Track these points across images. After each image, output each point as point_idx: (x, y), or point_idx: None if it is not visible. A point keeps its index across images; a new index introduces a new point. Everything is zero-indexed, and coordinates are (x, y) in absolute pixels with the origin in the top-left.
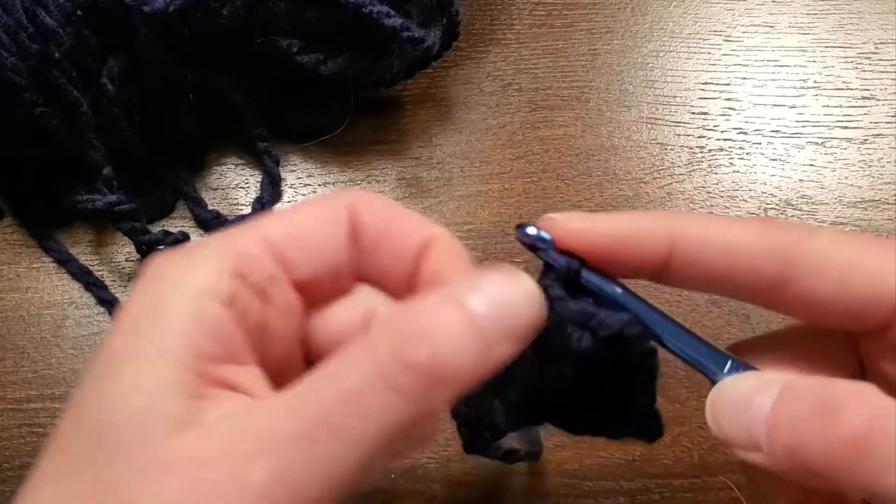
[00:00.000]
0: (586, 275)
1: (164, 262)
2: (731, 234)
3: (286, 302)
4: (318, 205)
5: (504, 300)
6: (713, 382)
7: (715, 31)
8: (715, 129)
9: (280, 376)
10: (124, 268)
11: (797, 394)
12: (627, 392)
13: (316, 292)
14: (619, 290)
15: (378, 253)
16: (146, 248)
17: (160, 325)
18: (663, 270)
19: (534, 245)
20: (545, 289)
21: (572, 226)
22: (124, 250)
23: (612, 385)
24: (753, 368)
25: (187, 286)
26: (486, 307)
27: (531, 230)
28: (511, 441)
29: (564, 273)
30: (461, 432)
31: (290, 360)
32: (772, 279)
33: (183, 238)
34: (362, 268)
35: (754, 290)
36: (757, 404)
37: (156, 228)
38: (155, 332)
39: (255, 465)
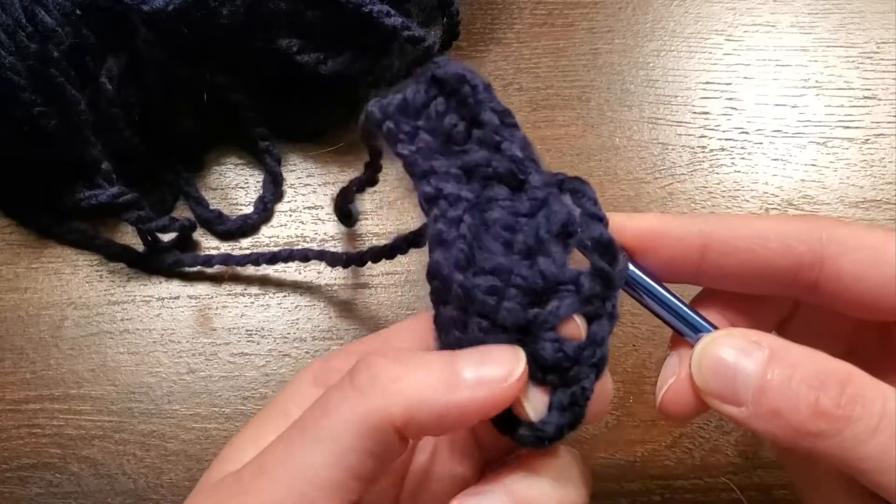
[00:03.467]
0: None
1: (300, 370)
2: (762, 222)
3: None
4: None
5: (493, 362)
6: (684, 338)
7: (716, 30)
8: (716, 128)
9: None
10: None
11: (789, 361)
12: None
13: None
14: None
15: None
16: (152, 236)
17: (280, 404)
18: (700, 265)
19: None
20: None
21: (613, 222)
22: (130, 241)
23: None
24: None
25: (301, 380)
26: (473, 360)
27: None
28: None
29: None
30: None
31: None
32: (808, 260)
33: (190, 225)
34: None
35: (788, 275)
36: (744, 365)
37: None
38: (275, 409)
39: (247, 467)
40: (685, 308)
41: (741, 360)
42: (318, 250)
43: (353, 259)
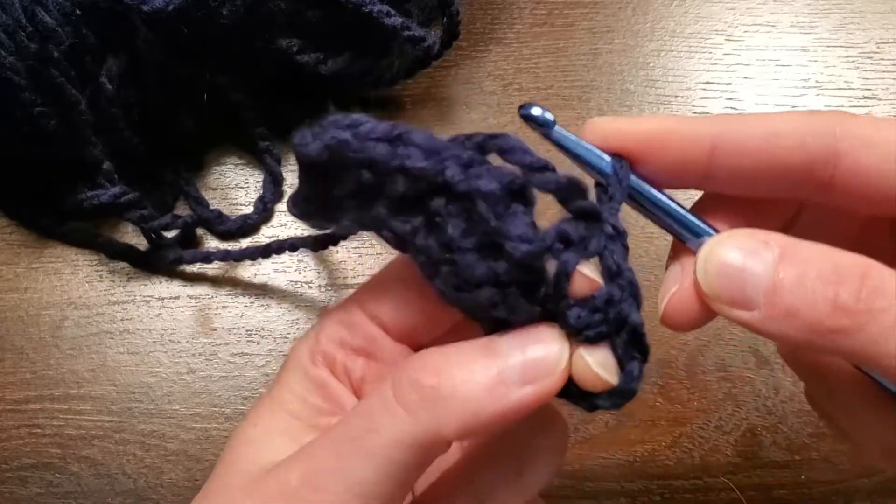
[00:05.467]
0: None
1: (294, 343)
2: (774, 119)
3: (391, 354)
4: (401, 262)
5: (530, 348)
6: (685, 244)
7: (716, 30)
8: None
9: None
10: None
11: (801, 258)
12: None
13: (422, 337)
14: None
15: None
16: (155, 234)
17: (280, 385)
18: (708, 168)
19: (538, 123)
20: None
21: (616, 126)
22: (131, 241)
23: None
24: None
25: (300, 356)
26: (512, 350)
27: (536, 110)
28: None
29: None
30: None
31: None
32: (822, 156)
33: (192, 222)
34: None
35: (803, 173)
36: (753, 265)
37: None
38: (275, 391)
39: (292, 470)
40: (685, 213)
41: (749, 261)
42: (303, 237)
43: (339, 236)
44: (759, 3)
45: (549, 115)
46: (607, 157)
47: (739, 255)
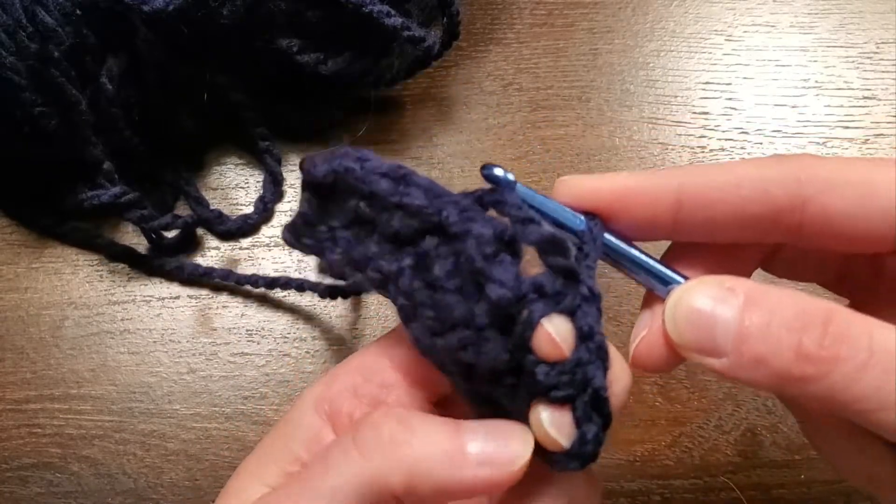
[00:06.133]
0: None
1: (304, 391)
2: (738, 169)
3: (404, 402)
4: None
5: (498, 438)
6: (656, 292)
7: (716, 30)
8: (716, 128)
9: None
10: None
11: (766, 305)
12: None
13: (438, 386)
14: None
15: None
16: (155, 234)
17: (277, 429)
18: (676, 220)
19: (500, 184)
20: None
21: (585, 185)
22: (131, 241)
23: None
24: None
25: (304, 400)
26: (480, 435)
27: (498, 171)
28: None
29: (587, 232)
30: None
31: None
32: (787, 203)
33: (192, 222)
34: None
35: (767, 221)
36: (721, 313)
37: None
38: (272, 435)
39: None
40: (653, 262)
41: (717, 309)
42: (313, 282)
43: (349, 292)
44: (759, 4)
45: (510, 176)
46: (581, 217)
47: (706, 303)
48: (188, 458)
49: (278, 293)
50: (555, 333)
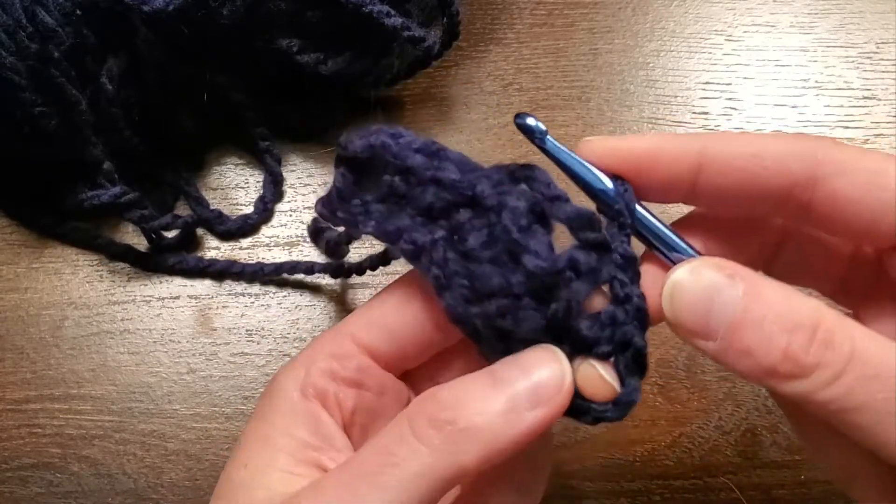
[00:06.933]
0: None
1: (278, 373)
2: (761, 140)
3: (381, 384)
4: (392, 292)
5: (534, 372)
6: (671, 263)
7: (716, 30)
8: (716, 129)
9: None
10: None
11: (763, 299)
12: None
13: (409, 364)
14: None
15: None
16: (155, 234)
17: (265, 420)
18: (694, 184)
19: (532, 133)
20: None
21: (609, 145)
22: (131, 241)
23: None
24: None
25: (286, 389)
26: (517, 376)
27: (531, 121)
28: None
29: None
30: None
31: None
32: (802, 179)
33: (192, 222)
34: None
35: (782, 194)
36: (719, 299)
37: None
38: (263, 426)
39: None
40: (664, 229)
41: (716, 294)
42: (322, 263)
43: (353, 269)
44: (759, 4)
45: (542, 126)
46: (609, 183)
47: (706, 286)
48: (188, 458)
49: (279, 293)
50: (600, 297)
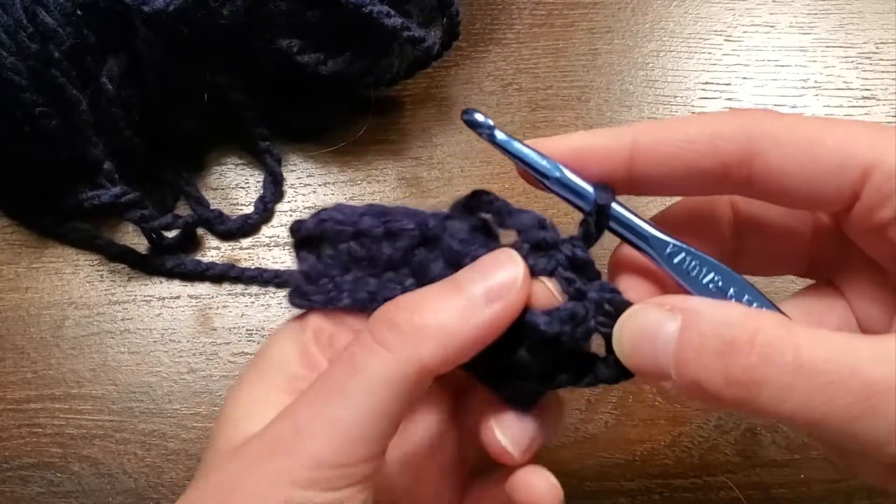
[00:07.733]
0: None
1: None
2: (691, 124)
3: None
4: None
5: (492, 274)
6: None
7: (715, 30)
8: None
9: None
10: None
11: (699, 328)
12: None
13: None
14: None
15: None
16: (155, 234)
17: (265, 357)
18: (630, 175)
19: (479, 127)
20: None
21: (537, 146)
22: (131, 241)
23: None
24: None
25: (288, 328)
26: (476, 279)
27: (478, 116)
28: None
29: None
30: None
31: None
32: (736, 158)
33: (192, 222)
34: None
35: (717, 176)
36: (662, 339)
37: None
38: (260, 363)
39: (280, 427)
40: (624, 211)
41: (658, 332)
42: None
43: None
44: (759, 4)
45: (489, 121)
46: (589, 188)
47: (648, 327)
48: (188, 458)
49: (279, 293)
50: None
